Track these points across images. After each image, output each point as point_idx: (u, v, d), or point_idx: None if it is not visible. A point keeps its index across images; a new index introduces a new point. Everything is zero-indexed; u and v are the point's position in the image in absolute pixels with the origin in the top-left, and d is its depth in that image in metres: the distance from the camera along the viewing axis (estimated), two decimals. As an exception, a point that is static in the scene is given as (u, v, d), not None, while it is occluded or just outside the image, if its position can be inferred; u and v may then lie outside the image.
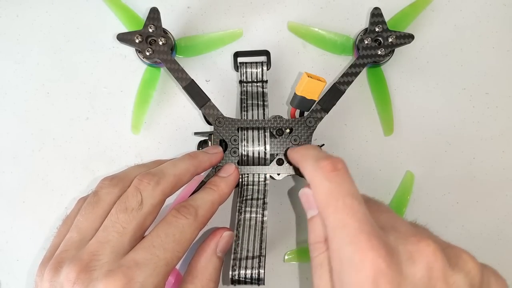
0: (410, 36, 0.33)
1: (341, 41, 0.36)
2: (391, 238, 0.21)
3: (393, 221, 0.23)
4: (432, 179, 0.35)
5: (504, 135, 0.35)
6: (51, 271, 0.24)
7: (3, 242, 0.35)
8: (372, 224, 0.21)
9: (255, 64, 0.34)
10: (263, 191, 0.31)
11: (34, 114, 0.36)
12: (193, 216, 0.27)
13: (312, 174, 0.24)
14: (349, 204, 0.22)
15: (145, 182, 0.27)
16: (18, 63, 0.36)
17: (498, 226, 0.35)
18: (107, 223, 0.25)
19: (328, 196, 0.23)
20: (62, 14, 0.37)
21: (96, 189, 0.27)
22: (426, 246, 0.21)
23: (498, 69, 0.36)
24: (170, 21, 0.36)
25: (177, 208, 0.27)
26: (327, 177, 0.23)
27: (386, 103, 0.35)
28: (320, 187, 0.23)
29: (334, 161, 0.24)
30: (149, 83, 0.35)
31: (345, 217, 0.22)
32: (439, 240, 0.24)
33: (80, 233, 0.26)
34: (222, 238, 0.29)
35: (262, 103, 0.33)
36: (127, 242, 0.25)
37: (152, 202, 0.26)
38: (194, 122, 0.36)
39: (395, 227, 0.23)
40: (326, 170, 0.24)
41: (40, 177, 0.35)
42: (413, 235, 0.22)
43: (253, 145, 0.32)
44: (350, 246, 0.21)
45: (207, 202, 0.28)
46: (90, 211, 0.26)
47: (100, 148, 0.35)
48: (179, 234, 0.26)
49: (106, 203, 0.27)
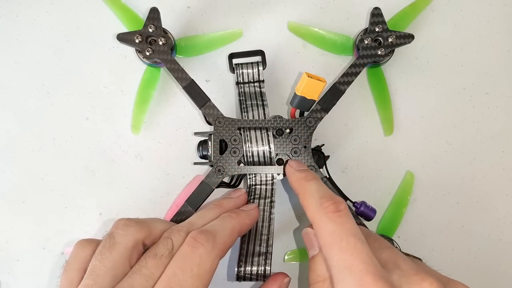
0: (410, 36, 0.33)
1: (341, 41, 0.36)
2: (395, 278, 0.22)
3: (395, 258, 0.24)
4: (432, 179, 0.35)
5: (504, 135, 0.35)
6: None
7: (3, 242, 0.35)
8: (376, 264, 0.22)
9: (250, 64, 0.34)
10: (271, 190, 0.32)
11: (34, 114, 0.36)
12: (212, 244, 0.25)
13: (315, 215, 0.25)
14: (353, 244, 0.23)
15: (175, 232, 0.26)
16: (18, 63, 0.36)
17: (498, 226, 0.35)
18: (134, 269, 0.24)
19: (332, 237, 0.23)
20: (62, 14, 0.37)
21: (112, 230, 0.26)
22: (430, 285, 0.22)
23: (498, 69, 0.36)
24: (170, 21, 0.36)
25: (194, 236, 0.25)
26: (331, 218, 0.24)
27: (386, 103, 0.35)
28: (324, 229, 0.24)
29: (336, 202, 0.25)
30: (149, 83, 0.35)
31: (350, 257, 0.22)
32: (439, 276, 0.24)
33: (97, 281, 0.24)
34: (283, 284, 0.29)
35: (262, 103, 0.33)
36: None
37: None
38: (194, 122, 0.36)
39: (397, 265, 0.23)
40: (329, 211, 0.24)
41: (40, 177, 0.35)
42: (415, 274, 0.22)
43: (257, 145, 0.31)
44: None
45: (226, 229, 0.27)
46: (107, 256, 0.25)
47: (100, 148, 0.35)
48: (197, 268, 0.24)
49: (123, 246, 0.25)
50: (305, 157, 0.32)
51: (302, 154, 0.32)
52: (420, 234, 0.35)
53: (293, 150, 0.32)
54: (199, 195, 0.31)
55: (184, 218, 0.31)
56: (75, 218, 0.35)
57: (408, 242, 0.34)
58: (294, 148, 0.32)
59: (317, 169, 0.31)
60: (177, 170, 0.35)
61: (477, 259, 0.34)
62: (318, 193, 0.26)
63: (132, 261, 0.25)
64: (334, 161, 0.35)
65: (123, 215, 0.34)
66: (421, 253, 0.32)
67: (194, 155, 0.35)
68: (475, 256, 0.34)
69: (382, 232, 0.33)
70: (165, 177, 0.35)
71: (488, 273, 0.34)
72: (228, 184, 0.33)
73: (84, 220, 0.35)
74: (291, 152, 0.32)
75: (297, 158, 0.31)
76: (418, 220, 0.35)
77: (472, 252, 0.34)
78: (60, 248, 0.34)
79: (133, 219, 0.27)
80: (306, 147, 0.32)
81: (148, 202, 0.35)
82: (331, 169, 0.34)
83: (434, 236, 0.34)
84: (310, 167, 0.31)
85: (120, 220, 0.27)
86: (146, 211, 0.35)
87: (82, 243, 0.27)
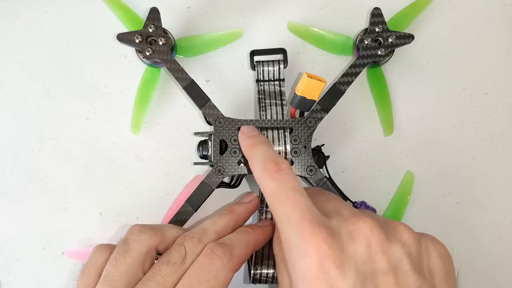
0: (410, 36, 0.33)
1: (341, 41, 0.36)
2: (334, 222, 0.23)
3: (338, 207, 0.25)
4: (432, 179, 0.35)
5: (504, 135, 0.35)
6: None
7: (3, 242, 0.35)
8: (313, 212, 0.23)
9: (271, 62, 0.34)
10: None
11: (34, 114, 0.36)
12: (228, 257, 0.26)
13: (260, 177, 0.26)
14: (292, 197, 0.24)
15: (188, 239, 0.27)
16: (18, 63, 0.36)
17: (498, 226, 0.35)
18: (148, 275, 0.25)
19: (275, 194, 0.25)
20: (62, 14, 0.37)
21: (126, 236, 0.27)
22: (363, 224, 0.23)
23: (498, 69, 0.36)
24: (170, 21, 0.36)
25: (212, 247, 0.26)
26: (273, 178, 0.25)
27: (386, 103, 0.35)
28: (268, 188, 0.25)
29: (278, 163, 0.26)
30: (149, 83, 0.35)
31: (289, 209, 0.23)
32: (378, 218, 0.25)
33: (112, 286, 0.25)
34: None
35: (280, 102, 0.33)
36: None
37: (195, 258, 0.26)
38: (194, 122, 0.36)
39: (339, 212, 0.24)
40: (271, 172, 0.25)
41: (40, 177, 0.35)
42: (352, 216, 0.23)
43: (273, 145, 0.31)
44: (295, 235, 0.22)
45: (242, 243, 0.27)
46: (121, 262, 0.26)
47: (100, 148, 0.35)
48: (213, 280, 0.25)
49: (137, 252, 0.26)
50: (305, 157, 0.32)
51: (302, 154, 0.32)
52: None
53: (293, 150, 0.32)
54: (199, 195, 0.31)
55: (184, 218, 0.31)
56: (75, 218, 0.35)
57: (408, 242, 0.34)
58: (294, 148, 0.32)
59: (317, 169, 0.31)
60: (177, 170, 0.35)
61: (477, 259, 0.34)
62: (264, 156, 0.27)
63: (145, 267, 0.26)
64: (334, 161, 0.35)
65: (123, 215, 0.34)
66: (421, 253, 0.32)
67: (194, 155, 0.35)
68: (475, 256, 0.34)
69: (382, 232, 0.33)
70: (165, 177, 0.35)
71: (488, 273, 0.34)
72: (228, 184, 0.33)
73: (84, 220, 0.35)
74: (291, 152, 0.32)
75: (297, 158, 0.31)
76: (418, 220, 0.35)
77: (472, 252, 0.34)
78: (60, 248, 0.34)
79: (147, 225, 0.28)
80: (306, 147, 0.32)
81: (148, 202, 0.35)
82: (331, 169, 0.34)
83: (434, 236, 0.34)
84: (310, 167, 0.31)
85: (134, 226, 0.27)
86: (146, 211, 0.35)
87: (100, 248, 0.28)
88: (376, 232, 0.22)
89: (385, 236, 0.22)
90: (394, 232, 0.23)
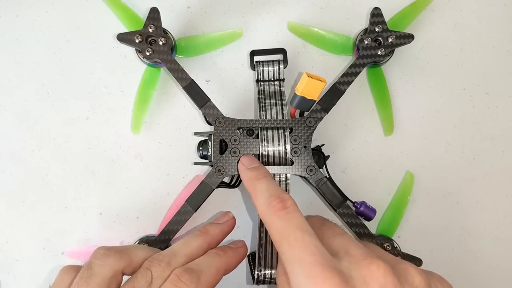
0: (410, 36, 0.33)
1: (341, 41, 0.36)
2: (345, 265, 0.22)
3: (346, 245, 0.24)
4: (432, 179, 0.35)
5: (504, 135, 0.35)
6: None
7: (3, 242, 0.35)
8: (324, 254, 0.22)
9: (271, 62, 0.34)
10: (285, 190, 0.31)
11: (34, 114, 0.36)
12: (195, 284, 0.25)
13: (265, 214, 0.25)
14: (300, 238, 0.23)
15: (155, 262, 0.26)
16: (18, 63, 0.36)
17: (498, 226, 0.35)
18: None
19: (281, 233, 0.24)
20: (62, 14, 0.37)
21: (90, 259, 0.26)
22: (377, 268, 0.22)
23: (498, 69, 0.36)
24: (170, 21, 0.36)
25: (178, 274, 0.25)
26: (278, 216, 0.24)
27: (386, 103, 0.35)
28: (273, 226, 0.24)
29: (283, 200, 0.25)
30: (149, 83, 0.35)
31: (298, 251, 0.22)
32: (388, 258, 0.25)
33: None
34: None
35: (281, 102, 0.33)
36: None
37: (162, 283, 0.25)
38: (194, 122, 0.36)
39: (348, 251, 0.24)
40: (276, 209, 0.25)
41: (40, 177, 0.35)
42: (364, 258, 0.23)
43: (273, 145, 0.31)
44: (307, 280, 0.21)
45: (212, 268, 0.27)
46: (84, 287, 0.25)
47: (100, 148, 0.35)
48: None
49: (101, 277, 0.25)
50: (305, 157, 0.32)
51: (302, 154, 0.32)
52: (420, 234, 0.34)
53: (293, 150, 0.32)
54: (199, 195, 0.31)
55: (184, 218, 0.31)
56: (75, 218, 0.35)
57: (408, 242, 0.34)
58: (294, 148, 0.32)
59: (317, 169, 0.31)
60: (177, 170, 0.35)
61: (477, 259, 0.34)
62: (267, 192, 0.26)
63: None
64: (334, 161, 0.35)
65: (123, 215, 0.34)
66: (421, 253, 0.32)
67: (194, 155, 0.35)
68: (475, 256, 0.34)
69: (382, 232, 0.33)
70: (165, 177, 0.35)
71: (488, 273, 0.34)
72: (228, 184, 0.33)
73: (84, 220, 0.35)
74: (291, 152, 0.32)
75: (297, 158, 0.31)
76: (418, 220, 0.35)
77: (472, 252, 0.34)
78: (60, 248, 0.34)
79: (112, 247, 0.27)
80: (306, 147, 0.32)
81: (148, 202, 0.35)
82: (331, 169, 0.34)
83: (434, 236, 0.34)
84: (310, 167, 0.31)
85: (99, 249, 0.26)
86: (146, 211, 0.35)
87: (67, 269, 0.27)
88: (389, 279, 0.22)
89: (398, 282, 0.22)
90: (405, 275, 0.23)
